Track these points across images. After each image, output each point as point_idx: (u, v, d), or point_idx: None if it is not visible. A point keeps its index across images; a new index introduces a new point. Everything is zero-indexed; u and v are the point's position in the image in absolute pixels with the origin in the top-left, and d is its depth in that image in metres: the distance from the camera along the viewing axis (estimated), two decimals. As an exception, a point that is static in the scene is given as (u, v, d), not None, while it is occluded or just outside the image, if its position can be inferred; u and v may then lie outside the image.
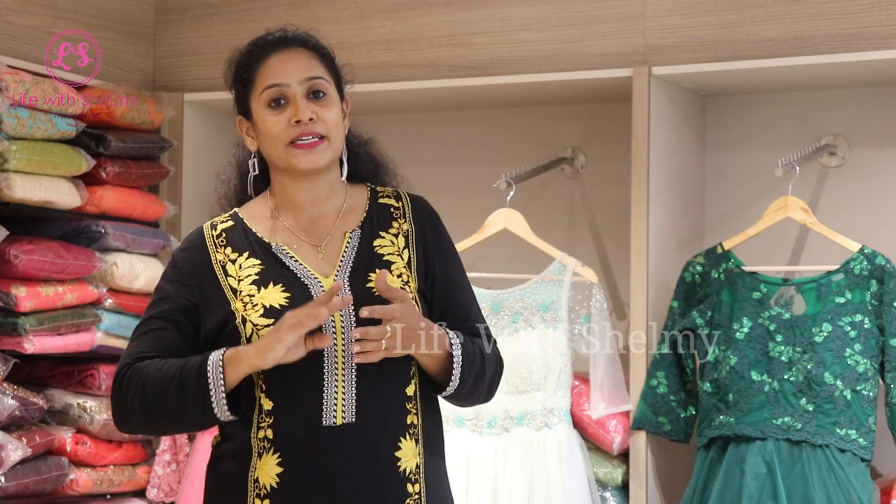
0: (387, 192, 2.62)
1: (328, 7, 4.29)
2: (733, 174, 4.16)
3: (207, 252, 2.54)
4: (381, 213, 2.59)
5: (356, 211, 2.59)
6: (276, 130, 2.49)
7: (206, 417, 2.43)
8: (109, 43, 4.40)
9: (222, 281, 2.51)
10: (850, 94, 4.03)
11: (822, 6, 3.75)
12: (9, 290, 3.83)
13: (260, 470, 2.45)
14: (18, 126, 3.82)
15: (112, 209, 4.14)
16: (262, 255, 2.53)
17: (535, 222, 4.05)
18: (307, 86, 2.51)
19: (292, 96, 2.50)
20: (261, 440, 2.46)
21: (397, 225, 2.58)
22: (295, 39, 2.55)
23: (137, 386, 2.45)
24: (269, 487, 2.44)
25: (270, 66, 2.52)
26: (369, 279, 2.50)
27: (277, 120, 2.50)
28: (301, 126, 2.48)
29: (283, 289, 2.48)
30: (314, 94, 2.51)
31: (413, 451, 2.49)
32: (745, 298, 3.73)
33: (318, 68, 2.53)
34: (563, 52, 4.03)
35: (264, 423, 2.46)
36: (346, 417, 2.44)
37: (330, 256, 2.53)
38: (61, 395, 4.05)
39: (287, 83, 2.50)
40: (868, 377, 3.59)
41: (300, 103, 2.49)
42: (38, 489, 3.87)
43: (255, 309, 2.47)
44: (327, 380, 2.45)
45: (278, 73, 2.51)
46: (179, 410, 2.43)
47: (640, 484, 3.78)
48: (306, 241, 2.55)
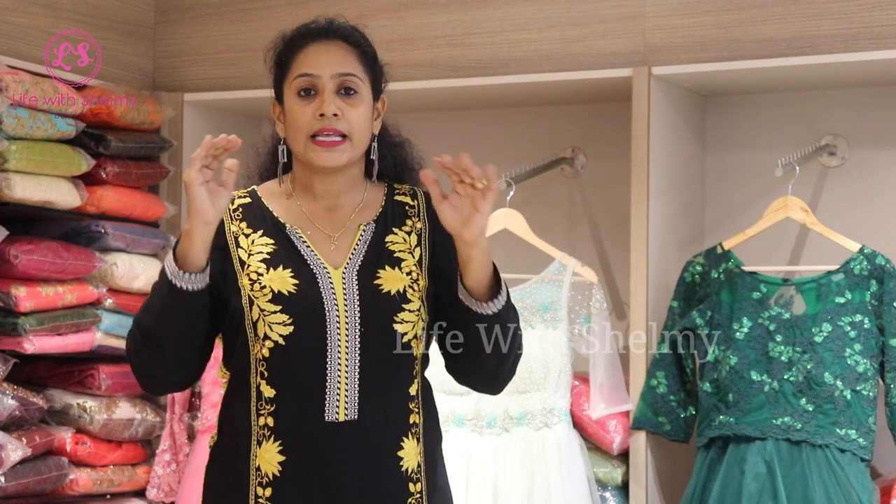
0: (403, 190, 2.62)
1: (328, 7, 4.28)
2: (733, 174, 4.16)
3: (223, 222, 2.52)
4: (396, 210, 2.58)
5: (372, 206, 2.58)
6: (301, 121, 2.48)
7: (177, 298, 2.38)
8: (109, 43, 4.40)
9: (233, 251, 2.50)
10: (850, 94, 4.03)
11: (822, 6, 3.75)
12: (9, 290, 3.83)
13: (261, 458, 2.45)
14: (18, 126, 3.82)
15: (112, 209, 4.14)
16: (275, 235, 2.52)
17: (534, 222, 4.05)
18: (338, 81, 2.49)
19: (322, 88, 2.48)
20: (261, 427, 2.45)
21: (411, 223, 2.57)
22: (337, 32, 2.54)
23: (136, 330, 2.45)
24: (272, 475, 2.44)
25: (307, 54, 2.51)
26: (377, 276, 2.49)
27: (304, 111, 2.48)
28: (324, 120, 2.46)
29: (292, 274, 2.47)
30: (345, 90, 2.50)
31: (415, 450, 2.49)
32: (745, 298, 3.73)
33: (353, 65, 2.52)
34: (563, 52, 4.03)
35: (264, 411, 2.45)
36: (348, 414, 2.44)
37: (342, 248, 2.52)
38: (61, 395, 4.05)
39: (319, 75, 2.49)
40: (868, 377, 3.59)
41: (327, 97, 2.47)
42: (37, 489, 3.87)
43: (264, 292, 2.45)
44: (330, 374, 2.44)
45: (312, 63, 2.50)
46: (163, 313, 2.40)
47: (640, 484, 3.78)
48: (320, 228, 2.54)
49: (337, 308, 2.45)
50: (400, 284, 2.49)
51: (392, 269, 2.50)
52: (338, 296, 2.47)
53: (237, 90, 4.39)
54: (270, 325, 2.45)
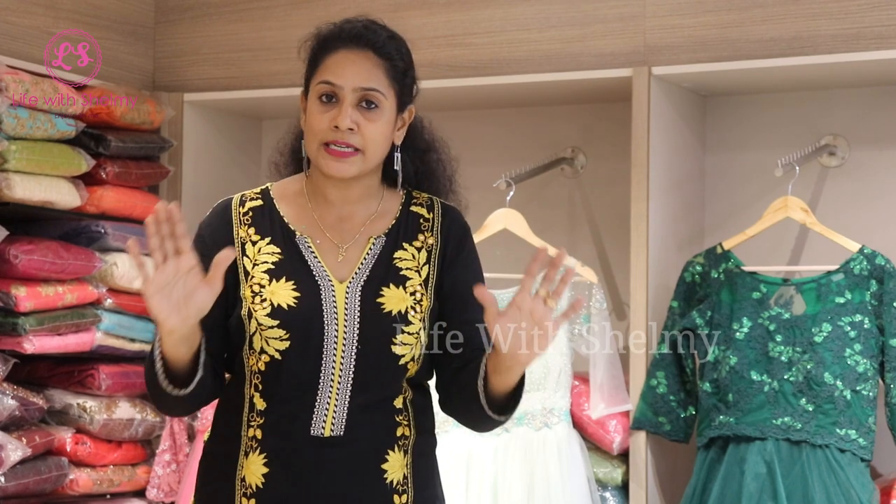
0: (421, 200, 2.57)
1: (328, 7, 4.28)
2: (733, 174, 4.16)
3: (231, 225, 2.50)
4: (410, 223, 2.54)
5: (386, 217, 2.54)
6: (318, 127, 2.45)
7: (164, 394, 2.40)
8: (109, 43, 4.41)
9: (238, 260, 2.47)
10: (850, 94, 4.03)
11: (822, 6, 3.75)
12: (9, 290, 3.83)
13: (247, 469, 2.45)
14: (18, 126, 3.82)
15: (112, 209, 4.14)
16: (283, 244, 2.49)
17: (534, 222, 4.05)
18: (359, 94, 2.45)
19: (342, 98, 2.44)
20: (249, 439, 2.45)
21: (423, 238, 2.53)
22: (370, 40, 2.48)
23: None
24: (255, 487, 2.44)
25: (335, 60, 2.47)
26: (381, 293, 2.46)
27: (321, 117, 2.45)
28: (338, 133, 2.43)
29: (294, 287, 2.45)
30: (366, 102, 2.45)
31: (400, 462, 2.47)
32: (745, 298, 3.73)
33: (378, 79, 2.47)
34: (563, 52, 4.03)
35: (254, 423, 2.45)
36: (334, 430, 2.43)
37: (349, 260, 2.49)
38: (61, 395, 4.05)
39: (341, 86, 2.45)
40: (868, 377, 3.59)
41: (345, 110, 2.43)
42: (37, 489, 3.87)
43: (263, 306, 2.44)
44: (322, 389, 2.43)
45: (337, 73, 2.45)
46: (163, 400, 2.43)
47: (640, 484, 3.79)
48: (330, 238, 2.51)
49: (336, 323, 2.44)
50: (402, 305, 2.46)
51: (397, 287, 2.47)
52: (339, 311, 2.45)
53: (237, 90, 4.40)
54: (267, 339, 2.43)
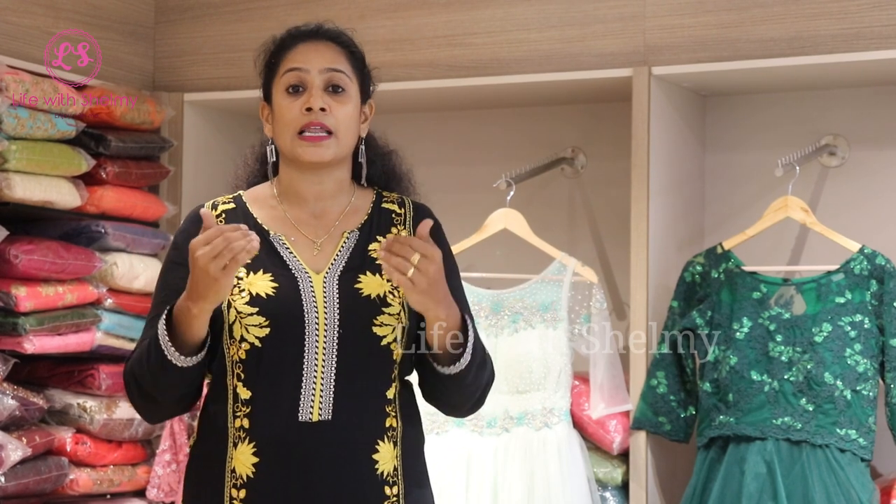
0: (392, 198, 2.64)
1: (328, 7, 4.28)
2: (733, 174, 4.16)
3: None
4: (382, 218, 2.60)
5: (358, 213, 2.60)
6: (289, 116, 2.51)
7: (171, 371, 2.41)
8: (109, 43, 4.40)
9: None
10: (850, 94, 4.03)
11: (822, 6, 3.75)
12: (9, 290, 3.83)
13: (236, 460, 2.46)
14: (18, 126, 3.82)
15: (112, 209, 4.14)
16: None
17: (534, 222, 4.05)
18: (326, 76, 2.53)
19: (310, 83, 2.52)
20: (237, 429, 2.46)
21: (395, 231, 2.59)
22: (326, 33, 2.58)
23: (131, 376, 2.48)
24: (246, 477, 2.45)
25: (296, 52, 2.55)
26: (358, 280, 2.50)
27: (291, 107, 2.51)
28: (311, 115, 2.50)
29: (272, 278, 2.49)
30: (333, 87, 2.53)
31: (391, 454, 2.49)
32: (745, 298, 3.73)
33: (342, 63, 2.56)
34: (563, 52, 4.03)
35: (240, 413, 2.46)
36: (322, 414, 2.45)
37: (325, 254, 2.54)
38: (61, 395, 4.05)
39: (307, 69, 2.52)
40: (868, 377, 3.59)
41: (315, 92, 2.51)
42: (38, 489, 3.87)
43: (241, 295, 2.47)
44: (306, 375, 2.45)
45: (301, 59, 2.54)
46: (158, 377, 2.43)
47: (640, 484, 3.79)
48: (305, 234, 2.56)
49: (316, 310, 2.47)
50: (380, 289, 2.50)
51: (373, 274, 2.52)
52: (317, 299, 2.48)
53: (237, 90, 4.40)
54: (247, 327, 2.46)
